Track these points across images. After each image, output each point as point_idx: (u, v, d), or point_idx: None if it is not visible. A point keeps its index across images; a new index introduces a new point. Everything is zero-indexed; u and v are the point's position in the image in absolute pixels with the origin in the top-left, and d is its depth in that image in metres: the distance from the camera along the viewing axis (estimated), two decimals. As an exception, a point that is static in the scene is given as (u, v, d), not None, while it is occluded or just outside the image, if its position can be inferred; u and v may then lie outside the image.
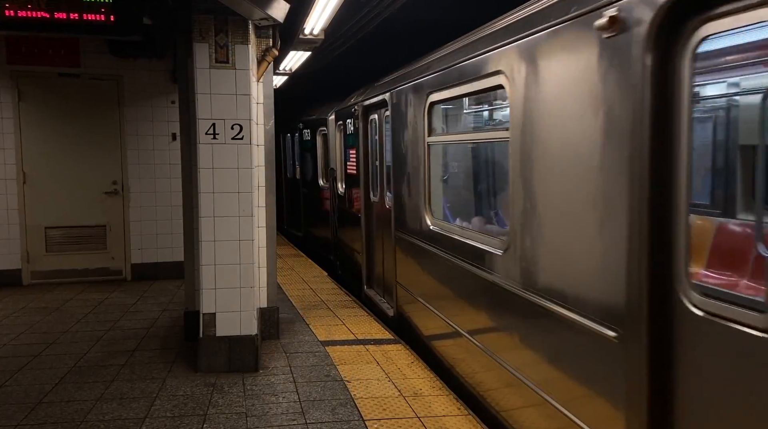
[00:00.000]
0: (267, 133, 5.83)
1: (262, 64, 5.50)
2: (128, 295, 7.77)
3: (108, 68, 8.30)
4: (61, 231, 8.38)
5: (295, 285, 8.32)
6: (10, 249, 8.18)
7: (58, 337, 5.99)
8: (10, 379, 4.88)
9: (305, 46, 7.14)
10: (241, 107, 4.90)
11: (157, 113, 8.51)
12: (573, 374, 2.96)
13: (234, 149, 4.91)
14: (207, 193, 4.90)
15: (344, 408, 4.29)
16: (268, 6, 4.65)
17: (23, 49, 8.01)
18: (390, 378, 4.85)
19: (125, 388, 4.67)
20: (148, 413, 4.22)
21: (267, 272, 5.85)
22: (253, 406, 4.32)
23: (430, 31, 8.03)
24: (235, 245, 4.96)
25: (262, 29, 5.36)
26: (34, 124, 8.18)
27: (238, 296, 4.99)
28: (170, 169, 8.45)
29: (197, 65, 4.85)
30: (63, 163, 8.30)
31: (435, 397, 4.47)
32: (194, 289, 5.66)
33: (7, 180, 8.11)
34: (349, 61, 10.21)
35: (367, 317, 6.65)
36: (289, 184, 13.96)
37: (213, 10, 4.75)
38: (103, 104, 8.36)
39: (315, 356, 5.37)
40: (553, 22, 2.91)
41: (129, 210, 8.53)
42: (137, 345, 5.74)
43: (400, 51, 8.26)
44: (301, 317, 6.65)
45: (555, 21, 2.91)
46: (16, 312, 6.92)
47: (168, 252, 8.59)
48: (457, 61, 4.44)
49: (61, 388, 4.69)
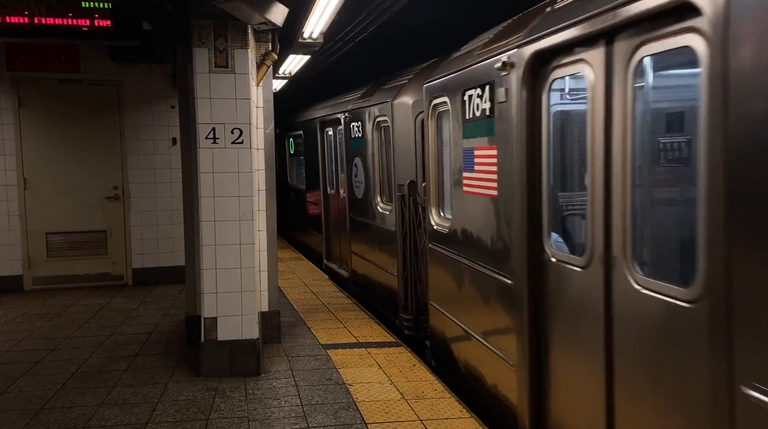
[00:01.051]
0: (267, 136, 5.84)
1: (262, 68, 5.51)
2: (129, 300, 7.77)
3: (108, 74, 8.31)
4: (62, 236, 8.39)
5: (297, 288, 8.32)
6: (11, 255, 8.18)
7: (60, 342, 5.99)
8: (12, 385, 4.88)
9: (304, 50, 7.15)
10: (240, 111, 4.90)
11: (157, 118, 8.52)
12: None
13: (234, 153, 4.92)
14: (207, 198, 4.90)
15: (346, 411, 4.28)
16: (267, 10, 4.66)
17: (23, 55, 8.03)
18: (392, 381, 4.84)
19: (127, 394, 4.67)
20: (150, 418, 4.22)
21: (268, 276, 5.85)
22: (255, 411, 4.32)
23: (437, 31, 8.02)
24: (236, 249, 4.96)
25: (262, 33, 5.37)
26: (34, 130, 8.19)
27: (239, 300, 4.99)
28: (170, 173, 8.46)
29: (197, 70, 4.86)
30: (64, 169, 8.30)
31: (438, 400, 4.46)
32: (195, 294, 5.66)
33: (8, 186, 8.12)
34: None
35: (368, 320, 6.65)
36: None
37: (212, 15, 4.76)
38: (103, 110, 8.37)
39: (317, 360, 5.37)
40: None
41: (130, 215, 8.54)
42: (139, 350, 5.73)
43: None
44: (303, 321, 6.65)
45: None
46: (18, 318, 6.92)
47: (169, 256, 8.59)
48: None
49: (63, 393, 4.69)
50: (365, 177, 7.61)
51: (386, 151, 6.98)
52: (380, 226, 7.14)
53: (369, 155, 7.39)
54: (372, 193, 7.40)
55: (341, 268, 9.15)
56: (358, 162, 7.84)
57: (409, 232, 6.23)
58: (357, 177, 7.94)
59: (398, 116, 6.62)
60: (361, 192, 7.81)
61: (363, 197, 7.75)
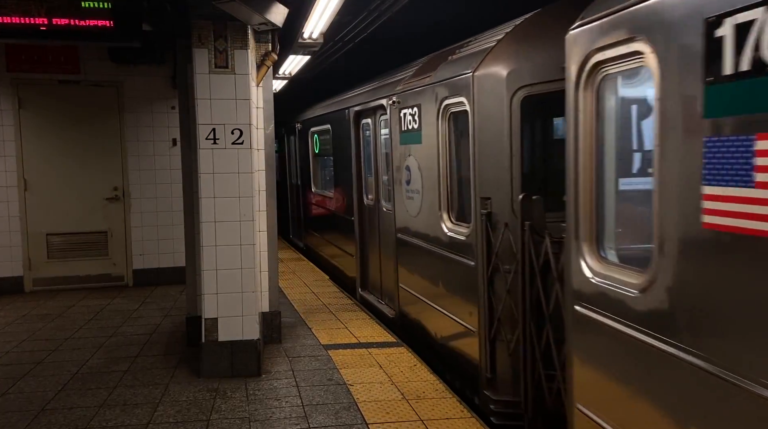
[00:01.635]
0: (267, 137, 5.84)
1: (262, 69, 5.51)
2: (130, 301, 7.77)
3: (108, 75, 8.31)
4: (62, 238, 8.38)
5: (297, 289, 8.32)
6: (11, 256, 8.18)
7: (61, 343, 5.99)
8: (12, 386, 4.88)
9: (304, 50, 7.15)
10: (241, 112, 4.90)
11: (157, 119, 8.52)
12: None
13: (234, 154, 4.92)
14: (208, 198, 4.90)
15: (347, 412, 4.28)
16: (267, 11, 4.65)
17: (23, 56, 8.03)
18: (393, 381, 4.84)
19: (128, 394, 4.67)
20: (151, 419, 4.22)
21: (268, 276, 5.85)
22: (256, 411, 4.32)
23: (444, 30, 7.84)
24: (237, 250, 4.96)
25: (262, 34, 5.37)
26: (34, 131, 8.19)
27: (240, 301, 4.99)
28: (171, 174, 8.46)
29: (197, 71, 4.86)
30: (64, 170, 8.31)
31: (438, 400, 4.46)
32: (196, 295, 5.66)
33: (8, 187, 8.12)
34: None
35: (369, 320, 6.65)
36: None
37: (212, 15, 4.76)
38: (103, 110, 8.37)
39: (317, 360, 5.36)
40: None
41: (130, 216, 8.54)
42: (139, 351, 5.73)
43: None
44: (303, 321, 6.64)
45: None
46: (18, 319, 6.92)
47: (169, 257, 8.59)
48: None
49: (64, 395, 4.69)
50: (423, 184, 5.60)
51: (460, 147, 5.05)
52: (448, 256, 5.14)
53: (430, 154, 5.42)
54: (434, 208, 5.38)
55: (383, 302, 7.18)
56: (412, 164, 5.82)
57: (518, 272, 4.17)
58: (410, 184, 5.91)
59: (483, 95, 4.50)
60: (417, 205, 5.78)
61: (419, 212, 5.75)
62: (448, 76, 5.03)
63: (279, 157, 13.50)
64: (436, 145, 5.29)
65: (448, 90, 5.01)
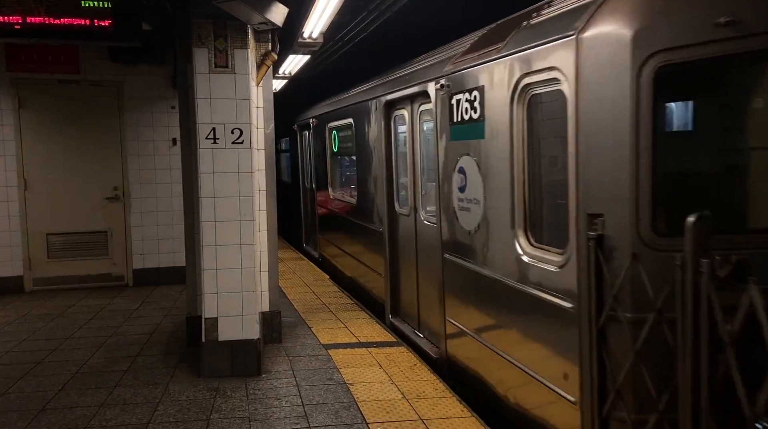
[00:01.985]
0: (267, 136, 5.84)
1: (262, 68, 5.51)
2: (130, 300, 7.77)
3: (108, 74, 8.31)
4: (62, 237, 8.39)
5: (297, 288, 8.32)
6: (11, 256, 8.19)
7: (61, 343, 5.99)
8: (12, 386, 4.88)
9: (304, 50, 7.15)
10: (241, 111, 4.90)
11: (157, 118, 8.52)
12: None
13: (234, 153, 4.92)
14: (208, 198, 4.90)
15: (347, 411, 4.28)
16: (267, 10, 4.65)
17: (23, 56, 8.03)
18: (393, 381, 4.84)
19: (128, 394, 4.67)
20: (151, 419, 4.22)
21: (268, 276, 5.85)
22: (256, 411, 4.32)
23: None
24: (237, 249, 4.96)
25: (261, 34, 5.37)
26: (34, 130, 8.19)
27: (240, 300, 4.99)
28: (171, 174, 8.46)
29: (197, 70, 4.86)
30: (64, 170, 8.31)
31: (439, 399, 4.46)
32: (196, 294, 5.66)
33: (8, 187, 8.12)
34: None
35: (369, 320, 6.65)
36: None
37: (212, 15, 4.76)
38: (103, 110, 8.37)
39: (317, 360, 5.37)
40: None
41: (130, 215, 8.54)
42: (140, 350, 5.73)
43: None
44: (303, 321, 6.65)
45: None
46: (18, 319, 6.92)
47: (169, 257, 8.59)
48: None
49: (64, 394, 4.69)
50: (486, 192, 4.28)
51: (547, 142, 3.78)
52: (524, 290, 3.80)
53: (498, 152, 4.09)
54: (503, 223, 4.06)
55: (421, 336, 5.91)
56: (469, 165, 4.52)
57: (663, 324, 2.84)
58: (464, 191, 4.61)
59: (594, 66, 3.16)
60: (474, 218, 4.47)
61: (478, 228, 4.43)
62: (531, 43, 3.68)
63: (291, 157, 13.06)
64: (509, 140, 3.93)
65: (529, 63, 3.68)
